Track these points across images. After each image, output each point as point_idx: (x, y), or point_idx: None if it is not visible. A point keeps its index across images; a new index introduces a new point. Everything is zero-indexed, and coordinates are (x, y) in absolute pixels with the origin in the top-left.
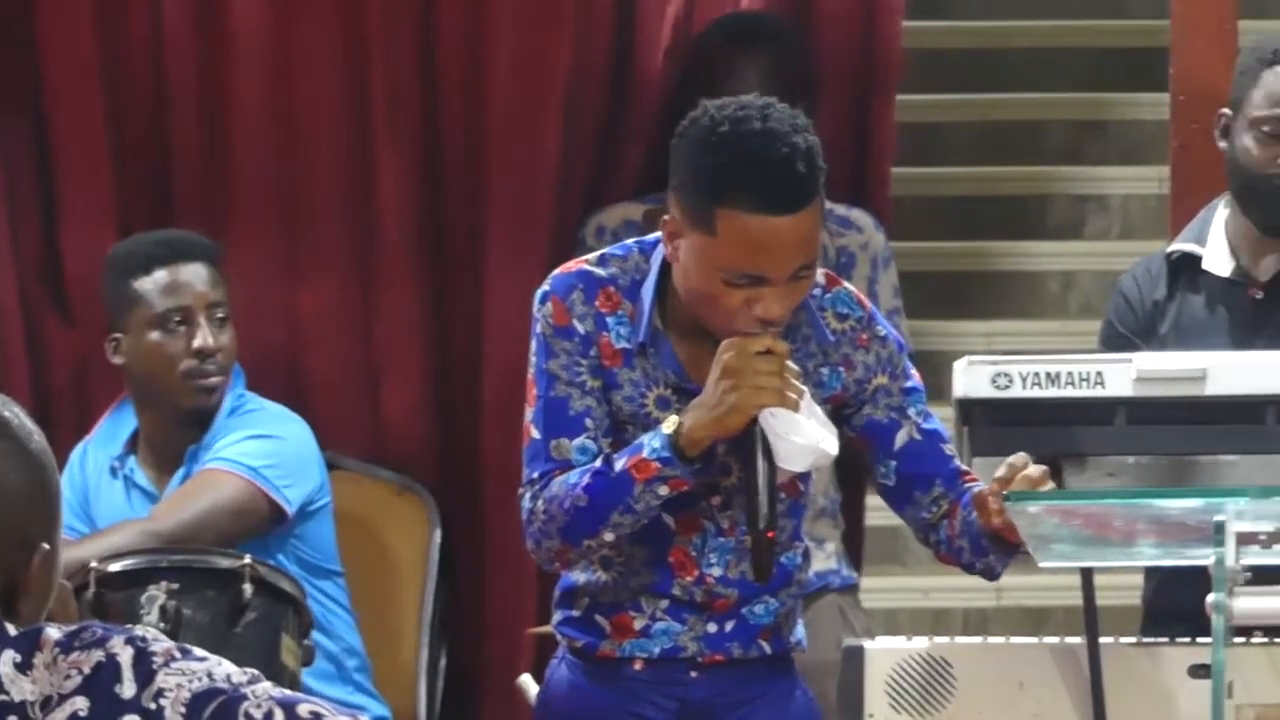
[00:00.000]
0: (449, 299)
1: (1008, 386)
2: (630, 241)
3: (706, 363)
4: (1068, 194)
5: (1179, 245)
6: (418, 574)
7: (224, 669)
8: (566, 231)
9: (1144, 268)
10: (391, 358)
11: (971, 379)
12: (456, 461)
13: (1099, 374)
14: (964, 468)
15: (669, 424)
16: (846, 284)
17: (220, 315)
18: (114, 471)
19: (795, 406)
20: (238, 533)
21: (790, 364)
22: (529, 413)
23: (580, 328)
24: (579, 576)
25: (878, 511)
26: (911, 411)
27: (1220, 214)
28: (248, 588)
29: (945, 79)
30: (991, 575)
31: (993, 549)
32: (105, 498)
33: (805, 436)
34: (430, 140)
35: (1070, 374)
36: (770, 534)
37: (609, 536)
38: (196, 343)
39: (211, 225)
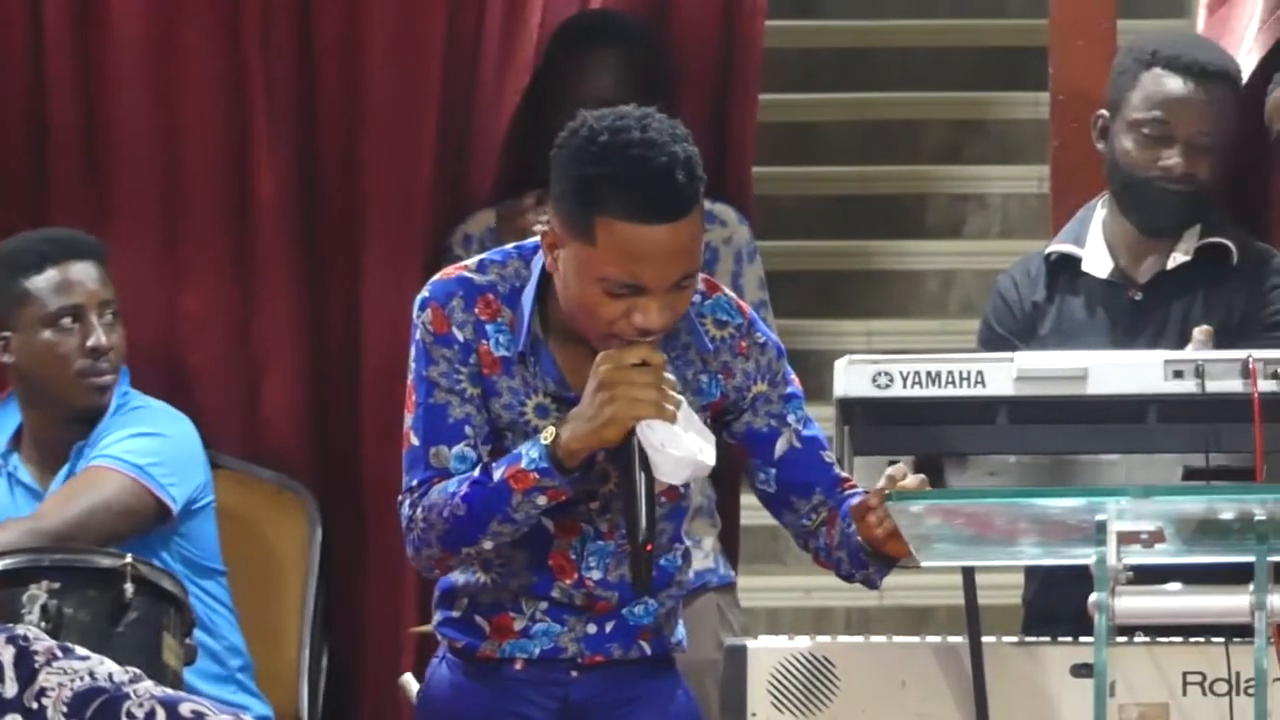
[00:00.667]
0: (327, 299)
1: (889, 386)
2: (510, 247)
3: (586, 370)
4: (947, 193)
5: (1057, 246)
6: (298, 573)
7: (106, 668)
8: (437, 239)
9: (1022, 269)
10: (270, 357)
11: (852, 378)
12: (335, 461)
13: (980, 373)
14: (844, 475)
15: (546, 435)
16: (727, 290)
17: (111, 314)
18: None
19: (672, 418)
20: (124, 530)
21: (667, 374)
22: (408, 419)
23: (460, 335)
24: (458, 578)
25: (757, 510)
26: (791, 419)
27: (1098, 214)
28: (129, 587)
29: (823, 78)
30: (871, 585)
31: (871, 561)
32: None
33: (683, 449)
34: (308, 142)
35: (951, 373)
36: (649, 547)
37: (488, 545)
38: (90, 341)
39: (90, 224)
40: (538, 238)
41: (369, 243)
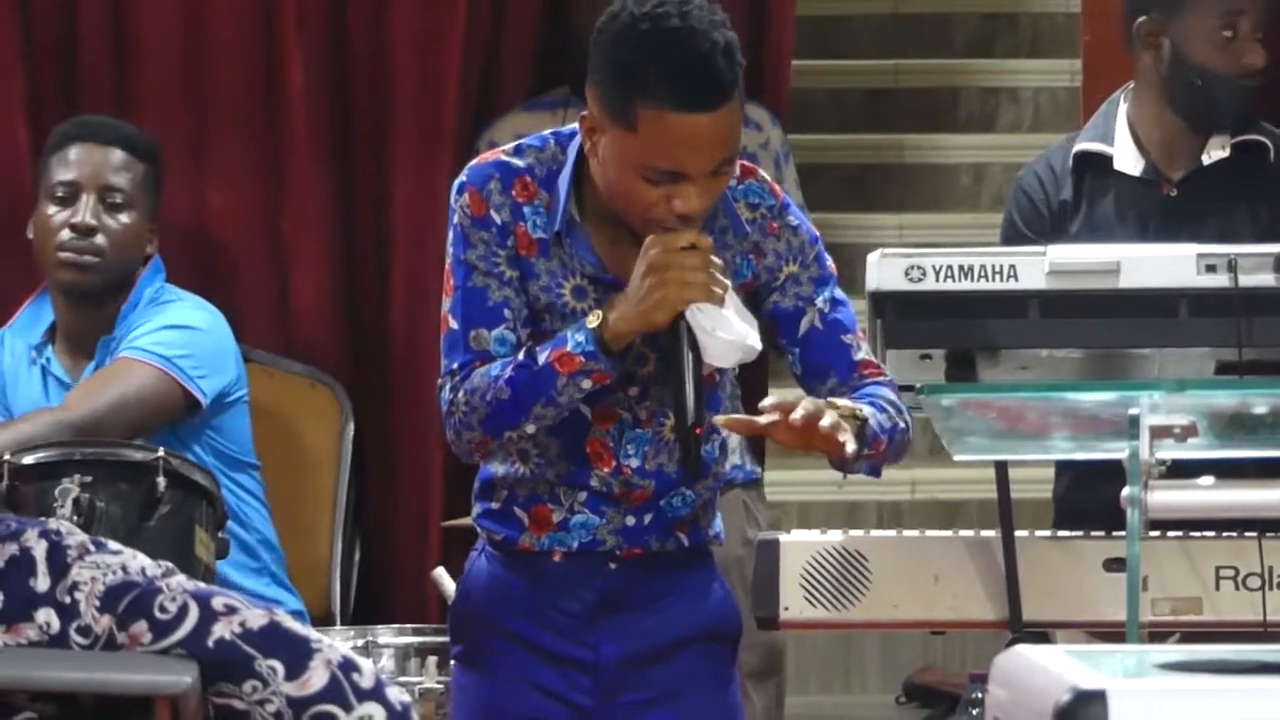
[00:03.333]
0: (356, 193)
1: (921, 279)
2: (547, 132)
3: (622, 253)
4: (978, 86)
5: (1086, 144)
6: (330, 467)
7: (138, 562)
8: (467, 127)
9: (1045, 165)
10: (299, 250)
11: (885, 272)
12: (366, 355)
13: (1012, 267)
14: (866, 359)
15: (593, 318)
16: (762, 173)
17: (116, 200)
18: (32, 360)
19: (721, 301)
20: (151, 422)
21: (714, 258)
22: (446, 303)
23: (497, 218)
24: (497, 468)
25: None
26: (819, 299)
27: (1122, 110)
28: (161, 480)
29: None
30: (872, 473)
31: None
32: (23, 386)
33: (732, 332)
34: (337, 34)
35: (983, 267)
36: (698, 430)
37: (530, 428)
38: (75, 218)
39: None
40: (574, 124)
41: (398, 135)
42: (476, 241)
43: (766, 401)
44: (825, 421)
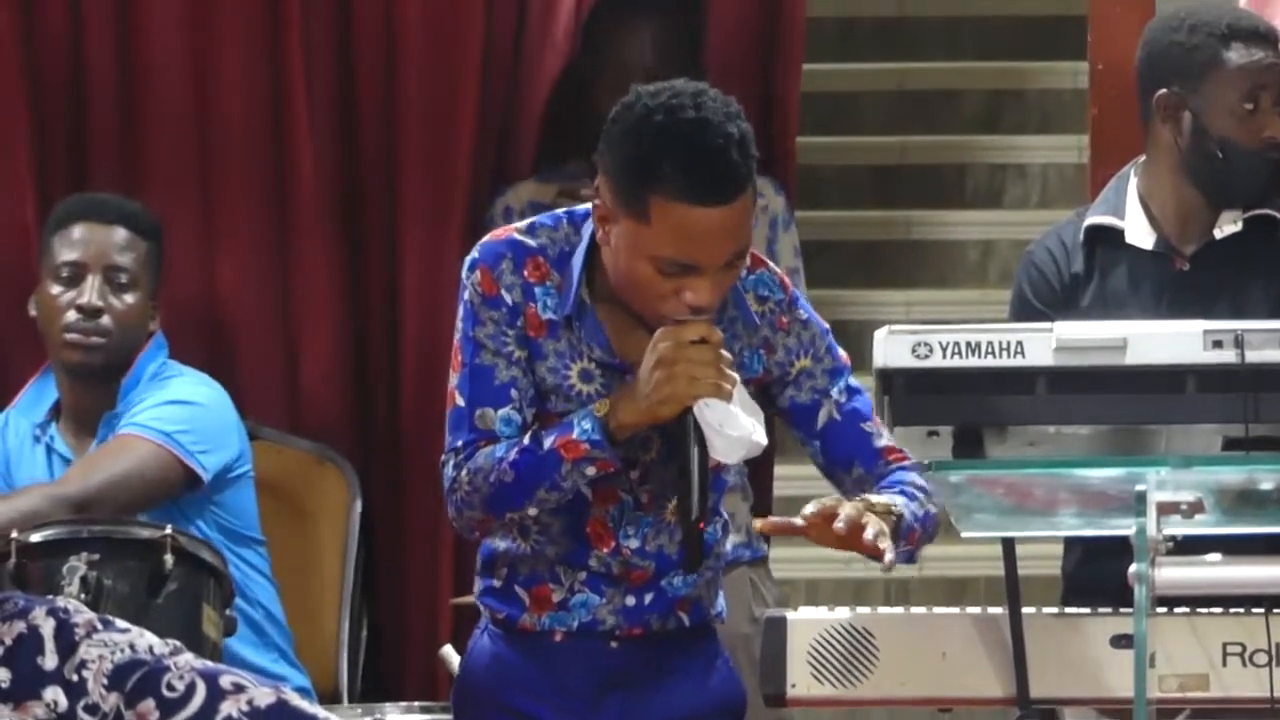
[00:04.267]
0: (366, 267)
1: (928, 356)
2: (560, 211)
3: (632, 338)
4: (986, 162)
5: (1097, 218)
6: (338, 544)
7: (146, 640)
8: (480, 202)
9: (1055, 239)
10: (309, 326)
11: (892, 348)
12: (376, 431)
13: (1019, 343)
14: (888, 445)
15: (600, 407)
16: (771, 264)
17: (121, 280)
18: (36, 439)
19: (730, 396)
20: (152, 498)
21: (724, 352)
22: (454, 379)
23: (508, 298)
24: (498, 544)
25: (794, 481)
26: (834, 391)
27: (1132, 184)
28: (169, 558)
29: (862, 47)
30: (908, 561)
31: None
32: (26, 465)
33: (739, 429)
34: (347, 109)
35: (991, 343)
36: (702, 525)
37: (533, 511)
38: (82, 299)
39: (126, 191)
40: (589, 204)
41: (408, 210)
42: (486, 320)
43: (809, 508)
44: (869, 534)
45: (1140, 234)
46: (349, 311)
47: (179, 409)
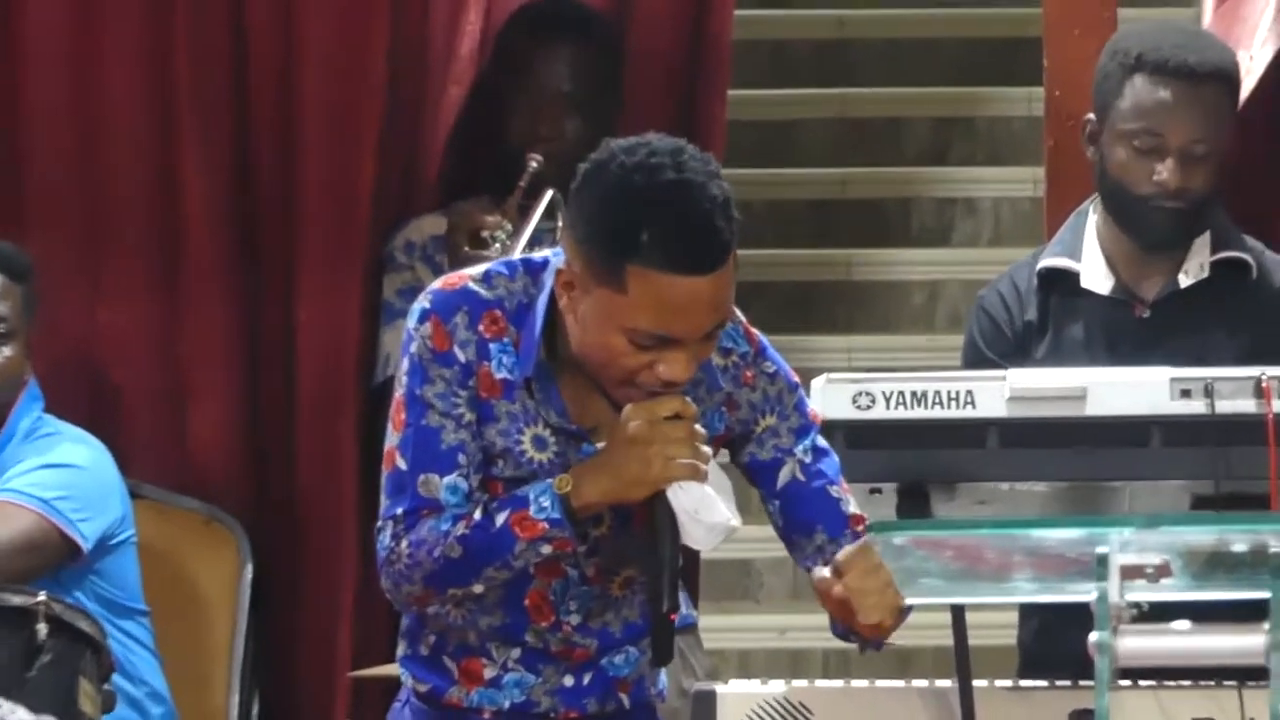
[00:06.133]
0: (260, 314)
1: (870, 406)
2: (515, 259)
3: (590, 402)
4: (933, 197)
5: (1051, 260)
6: (227, 613)
7: (18, 716)
8: (378, 246)
9: (1009, 284)
10: (198, 377)
11: (831, 398)
12: (269, 489)
13: (969, 393)
14: (856, 513)
15: (561, 483)
16: (737, 314)
17: (1, 331)
18: None
19: (705, 477)
20: (29, 569)
21: (698, 428)
22: (394, 438)
23: (461, 355)
24: (426, 610)
25: (725, 543)
26: (799, 449)
27: (1091, 221)
28: (42, 628)
29: (798, 73)
30: (874, 647)
31: (855, 638)
32: None
33: (714, 514)
34: (240, 146)
35: (938, 393)
36: (672, 616)
37: (479, 589)
38: None
39: (5, 237)
40: (546, 252)
41: (307, 253)
42: (435, 377)
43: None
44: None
45: (1097, 278)
46: (242, 358)
47: (59, 473)
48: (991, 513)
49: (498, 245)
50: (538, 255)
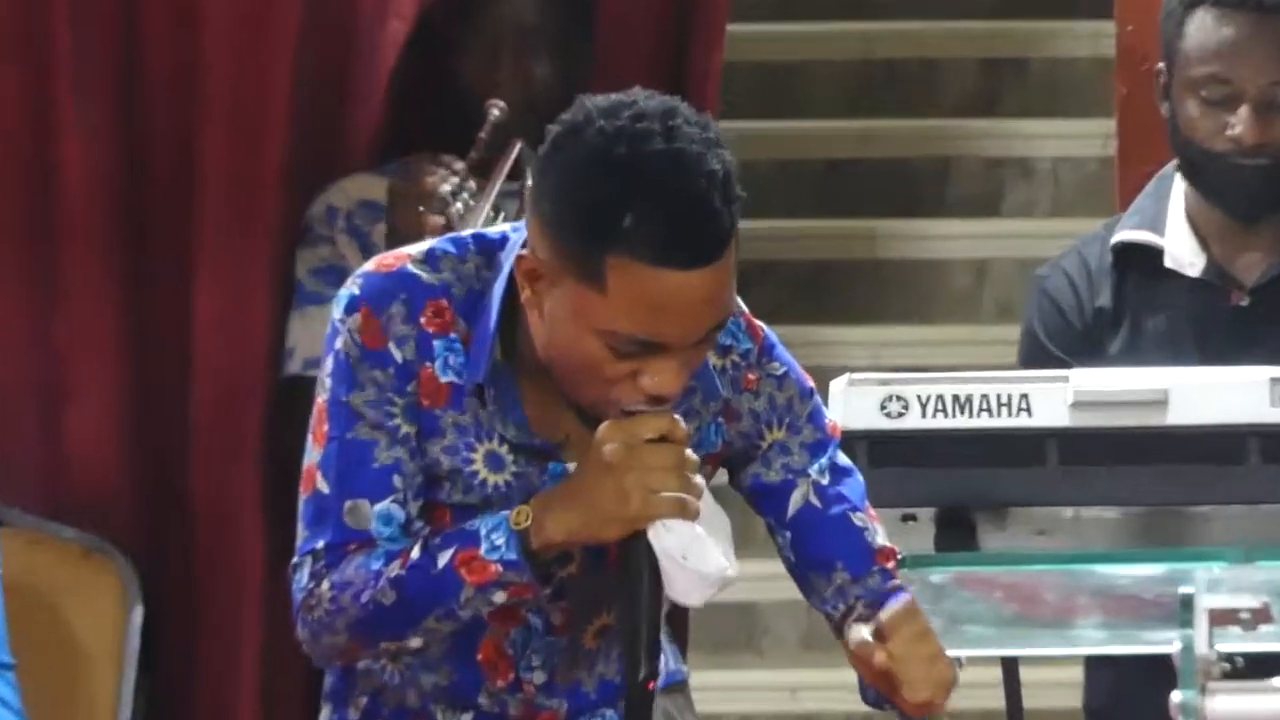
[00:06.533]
0: (151, 304)
1: (902, 414)
2: (466, 235)
3: (557, 412)
4: (979, 156)
5: (1129, 234)
6: (111, 663)
7: None
8: (296, 217)
9: (1077, 262)
10: (77, 379)
11: (853, 404)
12: (161, 513)
13: (1024, 397)
14: (885, 546)
15: (519, 516)
16: (738, 302)
17: None
18: None
19: (696, 514)
20: None
21: (690, 453)
22: (314, 454)
23: (398, 354)
24: (357, 664)
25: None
26: (814, 469)
27: (1177, 188)
28: None
29: (814, 6)
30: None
31: (890, 707)
32: None
33: (707, 562)
34: (128, 109)
35: (986, 398)
36: (651, 685)
37: (416, 643)
38: None
39: None
40: (503, 227)
41: (206, 231)
42: (366, 381)
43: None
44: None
45: (1185, 257)
46: (129, 355)
47: None
48: (1051, 545)
49: (459, 206)
50: (494, 230)
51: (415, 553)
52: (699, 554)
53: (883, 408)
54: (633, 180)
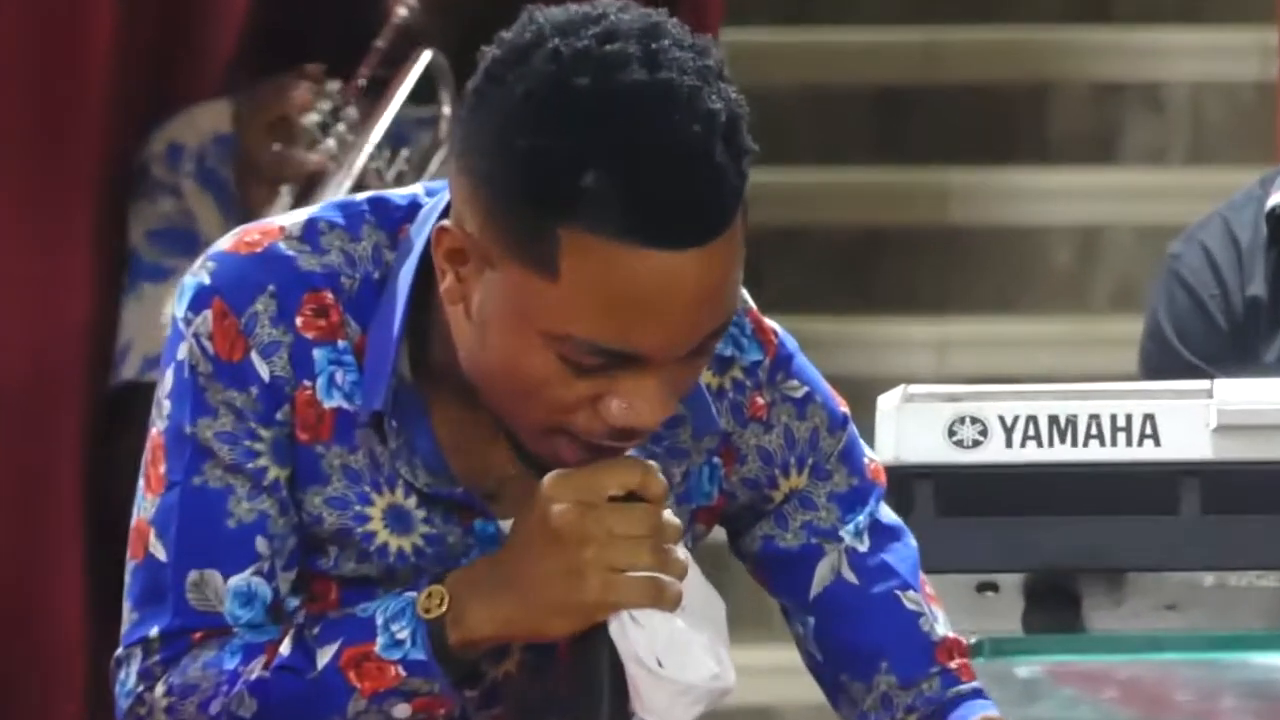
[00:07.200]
0: None
1: (978, 443)
2: (361, 199)
3: (483, 451)
4: (1087, 81)
5: None
6: None
7: None
8: (124, 158)
9: (1219, 232)
10: None
11: (911, 430)
12: None
13: (1150, 419)
14: (949, 637)
15: (430, 600)
16: (745, 296)
17: None
18: None
19: (675, 602)
20: None
21: (670, 516)
22: (148, 505)
23: (262, 369)
24: None
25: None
26: (847, 531)
27: None
28: None
29: None
30: None
31: None
32: None
33: (692, 666)
34: None
35: (1097, 420)
36: None
37: None
38: None
39: None
40: (415, 188)
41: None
42: (218, 404)
43: None
44: None
45: None
46: None
47: None
48: (1187, 623)
49: (331, 141)
50: (399, 193)
51: (286, 647)
52: (678, 657)
53: (951, 434)
54: (598, 124)
